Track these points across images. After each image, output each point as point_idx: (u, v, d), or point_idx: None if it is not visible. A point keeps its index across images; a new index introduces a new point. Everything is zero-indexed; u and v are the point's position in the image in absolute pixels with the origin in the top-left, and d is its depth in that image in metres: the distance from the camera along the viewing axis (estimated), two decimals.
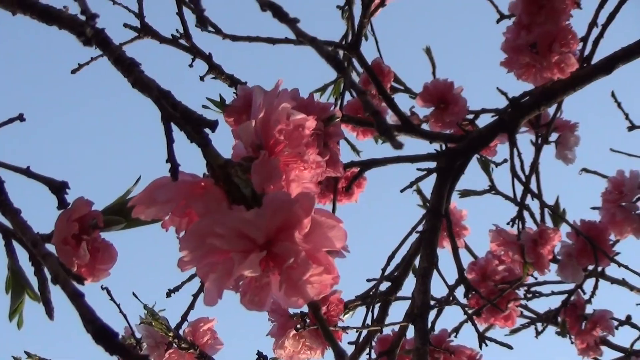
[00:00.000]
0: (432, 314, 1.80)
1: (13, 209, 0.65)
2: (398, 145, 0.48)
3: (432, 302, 1.63)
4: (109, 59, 0.67)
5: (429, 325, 1.62)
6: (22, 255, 0.70)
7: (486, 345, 1.64)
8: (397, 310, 1.79)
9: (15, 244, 0.70)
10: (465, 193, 2.04)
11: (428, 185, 1.72)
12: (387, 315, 1.73)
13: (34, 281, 0.72)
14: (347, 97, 2.12)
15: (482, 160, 1.97)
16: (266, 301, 0.63)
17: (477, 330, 1.66)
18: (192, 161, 0.69)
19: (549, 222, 1.96)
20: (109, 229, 0.72)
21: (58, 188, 0.67)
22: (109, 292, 2.02)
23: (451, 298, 1.77)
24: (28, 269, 0.71)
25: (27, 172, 0.68)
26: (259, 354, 1.30)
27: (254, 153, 0.66)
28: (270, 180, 0.63)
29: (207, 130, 0.65)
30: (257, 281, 0.63)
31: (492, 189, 2.00)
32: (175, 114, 0.65)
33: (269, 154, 0.65)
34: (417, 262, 1.69)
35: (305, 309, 1.58)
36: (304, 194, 0.61)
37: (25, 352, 2.32)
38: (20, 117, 0.71)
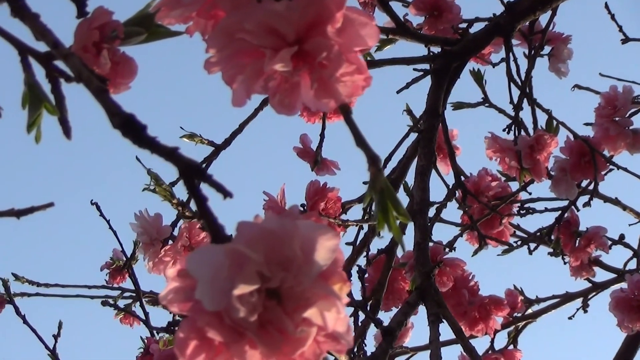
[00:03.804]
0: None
1: (31, 13, 0.62)
2: None
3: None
4: None
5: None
6: (38, 73, 0.67)
7: (486, 244, 1.63)
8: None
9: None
10: (458, 105, 2.01)
11: (422, 92, 1.69)
12: None
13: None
14: None
15: (475, 72, 1.95)
16: (296, 104, 0.61)
17: (478, 230, 1.65)
18: None
19: None
20: (129, 41, 0.70)
21: None
22: (98, 208, 2.00)
23: (450, 196, 1.75)
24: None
25: None
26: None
27: None
28: None
29: None
30: (287, 81, 0.61)
31: (486, 101, 1.99)
32: None
33: None
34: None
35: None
36: None
37: (13, 274, 2.31)
38: None
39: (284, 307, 0.52)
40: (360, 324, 1.64)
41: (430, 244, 1.79)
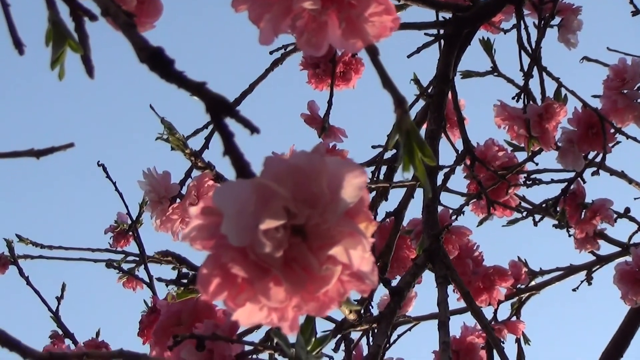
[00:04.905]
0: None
1: None
2: None
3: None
4: None
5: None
6: (62, 11, 0.67)
7: (494, 209, 1.63)
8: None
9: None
10: (467, 74, 2.01)
11: (430, 60, 1.68)
12: (392, 181, 1.71)
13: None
14: None
15: (485, 41, 1.95)
16: (323, 43, 0.61)
17: (486, 195, 1.64)
18: None
19: None
20: None
21: None
22: (104, 169, 2.00)
23: (459, 161, 1.75)
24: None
25: None
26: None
27: None
28: None
29: None
30: (315, 21, 0.60)
31: (494, 70, 1.98)
32: None
33: None
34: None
35: None
36: None
37: (17, 235, 2.30)
38: None
39: (309, 244, 0.52)
40: None
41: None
